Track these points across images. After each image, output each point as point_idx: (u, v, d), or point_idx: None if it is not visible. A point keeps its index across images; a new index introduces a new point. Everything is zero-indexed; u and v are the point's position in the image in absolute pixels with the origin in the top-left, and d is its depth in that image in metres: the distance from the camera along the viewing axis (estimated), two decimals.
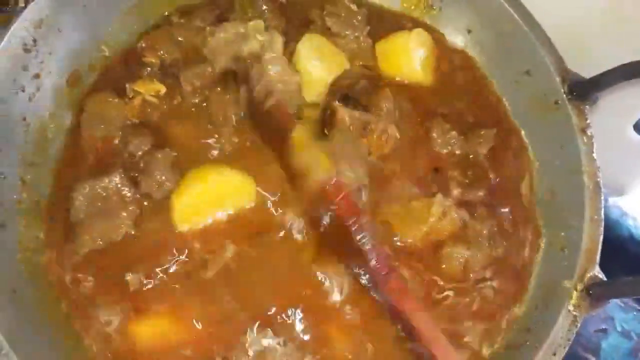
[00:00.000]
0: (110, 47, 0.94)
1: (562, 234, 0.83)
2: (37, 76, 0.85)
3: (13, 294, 0.73)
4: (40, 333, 0.74)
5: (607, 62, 0.82)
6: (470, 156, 0.89)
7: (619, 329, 1.08)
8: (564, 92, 0.86)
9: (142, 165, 0.82)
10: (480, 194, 0.86)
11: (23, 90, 0.83)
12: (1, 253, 0.75)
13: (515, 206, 0.87)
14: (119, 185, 0.80)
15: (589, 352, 1.04)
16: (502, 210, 0.86)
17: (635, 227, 1.16)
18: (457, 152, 0.89)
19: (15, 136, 0.82)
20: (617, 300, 1.08)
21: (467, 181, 0.87)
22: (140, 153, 0.84)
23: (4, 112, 0.80)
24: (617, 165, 1.01)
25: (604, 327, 1.08)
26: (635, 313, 1.09)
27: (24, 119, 0.83)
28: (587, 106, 0.85)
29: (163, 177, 0.81)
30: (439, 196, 0.81)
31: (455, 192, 0.86)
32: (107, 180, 0.80)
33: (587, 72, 0.86)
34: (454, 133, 0.89)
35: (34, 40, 0.83)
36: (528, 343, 0.76)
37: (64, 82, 0.89)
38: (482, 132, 0.90)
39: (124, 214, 0.79)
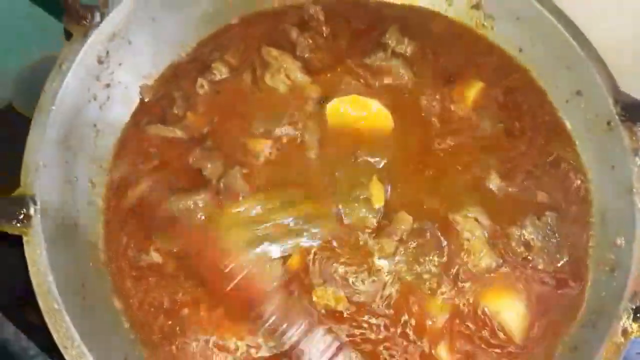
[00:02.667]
0: (176, 56, 1.00)
1: (612, 255, 0.82)
2: (107, 86, 0.91)
3: (82, 288, 0.78)
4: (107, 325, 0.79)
5: None
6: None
7: None
8: (616, 114, 0.86)
9: (221, 186, 0.87)
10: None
11: (95, 99, 0.89)
12: (74, 249, 0.81)
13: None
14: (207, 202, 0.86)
15: None
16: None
17: None
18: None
19: (86, 142, 0.88)
20: None
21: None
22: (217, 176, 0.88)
23: (78, 118, 0.86)
24: None
25: None
26: None
27: (95, 125, 0.89)
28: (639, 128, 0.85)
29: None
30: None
31: None
32: (198, 197, 0.86)
33: None
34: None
35: (107, 52, 0.89)
36: None
37: (134, 93, 0.95)
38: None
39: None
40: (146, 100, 0.96)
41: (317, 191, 0.88)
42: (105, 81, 0.90)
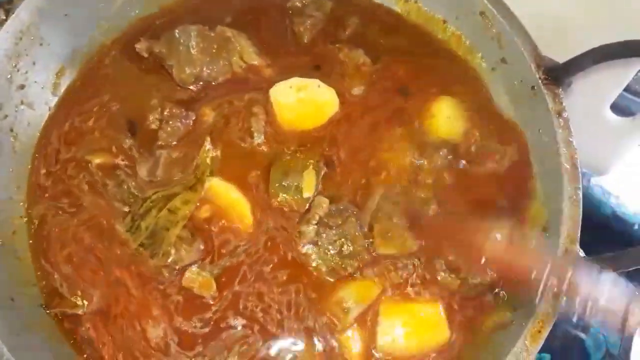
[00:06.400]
0: (90, 52, 0.95)
1: (544, 217, 0.85)
2: (21, 87, 0.86)
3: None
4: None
5: (583, 46, 0.83)
6: None
7: None
8: (539, 78, 0.88)
9: None
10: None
11: (8, 102, 0.84)
12: None
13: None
14: None
15: (579, 330, 1.06)
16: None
17: (617, 205, 1.18)
18: None
19: (4, 149, 0.83)
20: None
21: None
22: None
23: None
24: (597, 146, 1.03)
25: None
26: None
27: (11, 129, 0.85)
28: (561, 90, 0.87)
29: None
30: None
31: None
32: None
33: (564, 57, 0.88)
34: None
35: (17, 52, 0.84)
36: (514, 322, 0.79)
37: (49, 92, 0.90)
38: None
39: None
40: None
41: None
42: (18, 82, 0.85)
